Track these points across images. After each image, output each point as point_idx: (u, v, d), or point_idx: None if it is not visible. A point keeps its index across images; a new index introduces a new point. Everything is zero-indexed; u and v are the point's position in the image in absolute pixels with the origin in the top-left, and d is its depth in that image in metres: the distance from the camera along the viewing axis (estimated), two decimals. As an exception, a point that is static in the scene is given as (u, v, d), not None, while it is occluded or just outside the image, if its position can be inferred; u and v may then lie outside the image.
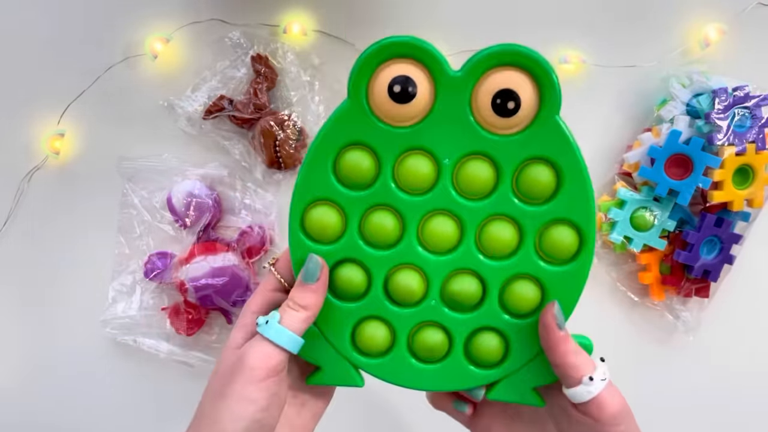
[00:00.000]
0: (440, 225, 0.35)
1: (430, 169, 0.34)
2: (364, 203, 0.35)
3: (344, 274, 0.36)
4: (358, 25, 0.54)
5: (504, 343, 0.36)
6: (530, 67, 0.33)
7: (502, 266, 0.35)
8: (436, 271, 0.36)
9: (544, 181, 0.34)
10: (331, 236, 0.35)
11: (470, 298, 0.35)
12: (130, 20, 0.54)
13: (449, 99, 0.33)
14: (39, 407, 0.54)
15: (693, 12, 0.53)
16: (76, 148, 0.54)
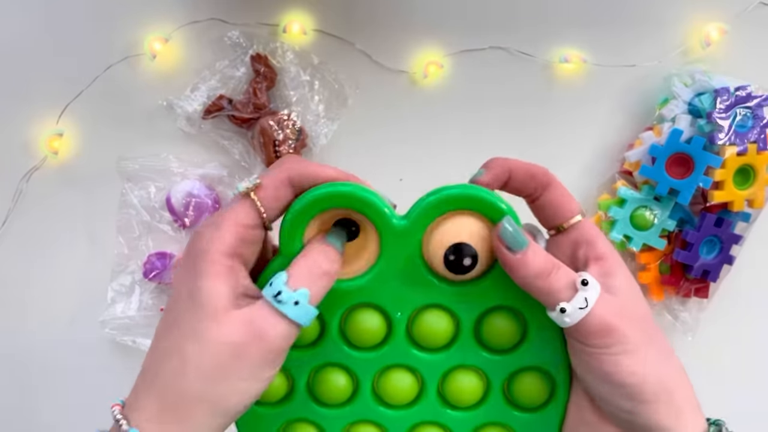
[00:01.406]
0: (397, 380, 0.32)
1: (381, 323, 0.31)
2: (310, 362, 0.31)
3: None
4: (358, 25, 0.53)
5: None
6: (483, 212, 0.28)
7: (468, 416, 0.32)
8: (397, 426, 0.32)
9: (508, 330, 0.30)
10: (278, 397, 0.32)
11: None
12: (129, 20, 0.53)
13: (395, 250, 0.29)
14: (38, 407, 0.54)
15: (694, 11, 0.53)
16: (74, 148, 0.54)
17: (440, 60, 0.53)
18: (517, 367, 0.31)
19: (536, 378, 0.31)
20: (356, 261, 0.30)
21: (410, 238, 0.29)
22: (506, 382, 0.32)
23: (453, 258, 0.29)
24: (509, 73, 0.54)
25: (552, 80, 0.54)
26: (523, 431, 0.32)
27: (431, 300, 0.30)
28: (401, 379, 0.32)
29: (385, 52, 0.54)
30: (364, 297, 0.30)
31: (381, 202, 0.28)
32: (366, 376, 0.32)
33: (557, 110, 0.54)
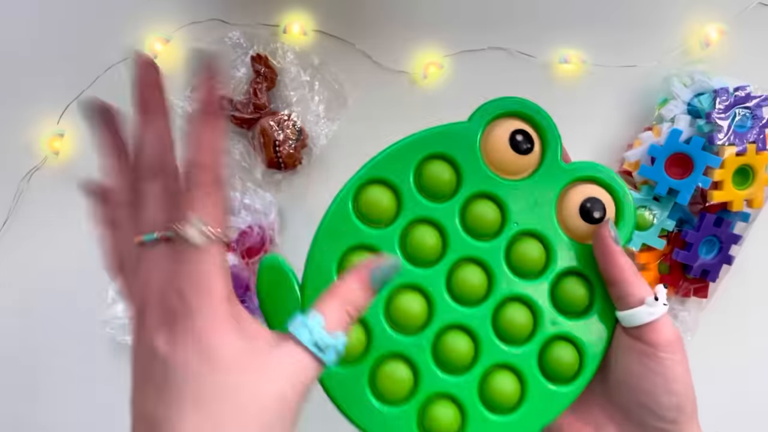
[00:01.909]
0: (468, 274, 0.33)
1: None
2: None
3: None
4: (358, 26, 0.54)
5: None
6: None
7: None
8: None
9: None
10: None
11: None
12: (130, 20, 0.53)
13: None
14: (38, 407, 0.54)
15: (693, 12, 0.53)
16: (75, 148, 0.54)
17: (440, 60, 0.53)
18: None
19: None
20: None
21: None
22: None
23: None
24: (509, 74, 0.54)
25: (551, 80, 0.54)
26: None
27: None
28: (472, 273, 0.33)
29: (385, 52, 0.54)
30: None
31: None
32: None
33: (557, 110, 0.54)
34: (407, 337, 0.33)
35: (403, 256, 0.33)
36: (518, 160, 0.33)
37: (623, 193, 0.33)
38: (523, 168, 0.34)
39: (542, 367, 0.33)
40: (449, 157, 0.34)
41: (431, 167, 0.34)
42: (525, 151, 0.33)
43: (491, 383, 0.33)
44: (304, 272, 0.33)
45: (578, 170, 0.34)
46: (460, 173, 0.33)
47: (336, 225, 0.34)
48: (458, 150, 0.34)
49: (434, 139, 0.34)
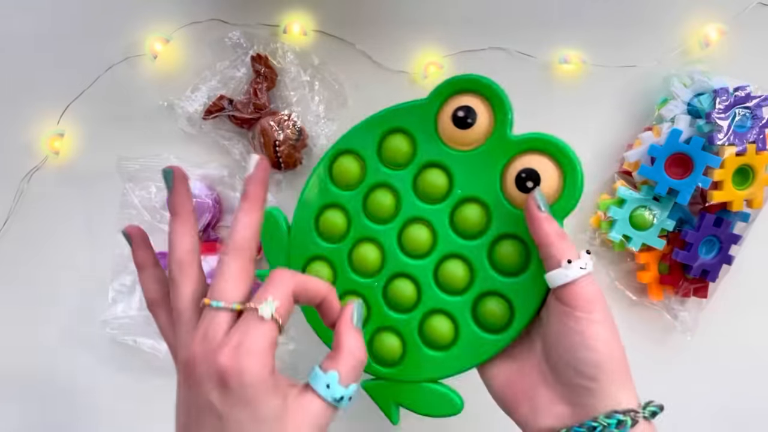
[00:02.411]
0: (415, 231, 0.39)
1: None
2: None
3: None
4: (358, 25, 0.54)
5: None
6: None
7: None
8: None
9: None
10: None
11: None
12: (130, 20, 0.54)
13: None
14: (38, 407, 0.55)
15: (693, 12, 0.53)
16: (75, 148, 0.54)
17: (440, 61, 0.53)
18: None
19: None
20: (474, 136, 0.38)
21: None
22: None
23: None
24: (509, 74, 0.54)
25: (551, 81, 0.54)
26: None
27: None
28: (419, 230, 0.39)
29: (385, 52, 0.54)
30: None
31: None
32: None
33: (557, 111, 0.54)
34: (364, 279, 0.40)
35: (365, 214, 0.40)
36: (463, 134, 0.37)
37: (569, 162, 0.36)
38: (473, 140, 0.38)
39: (475, 316, 0.38)
40: (407, 131, 0.39)
41: (391, 139, 0.39)
42: (466, 125, 0.37)
43: (429, 323, 0.39)
44: (293, 221, 0.41)
45: (525, 142, 0.37)
46: (416, 145, 0.39)
47: (315, 186, 0.41)
48: (415, 124, 0.39)
49: (396, 115, 0.39)
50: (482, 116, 0.37)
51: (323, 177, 0.41)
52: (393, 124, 0.39)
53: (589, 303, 0.33)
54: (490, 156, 0.37)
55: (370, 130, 0.40)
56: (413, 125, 0.39)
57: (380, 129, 0.39)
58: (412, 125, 0.39)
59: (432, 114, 0.38)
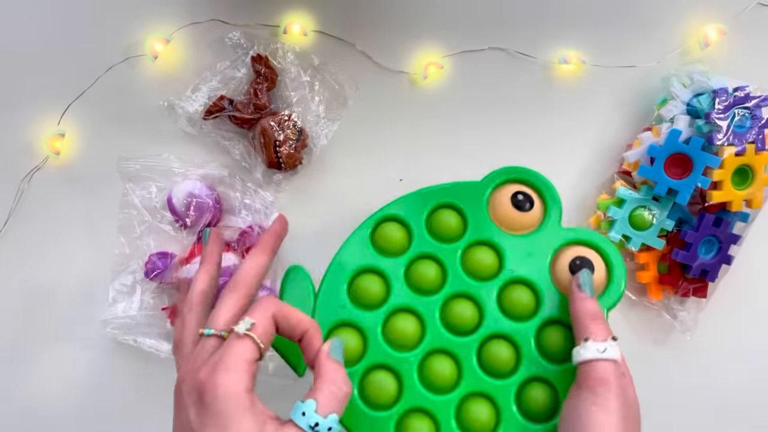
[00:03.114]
0: (461, 308, 0.39)
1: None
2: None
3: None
4: (358, 25, 0.54)
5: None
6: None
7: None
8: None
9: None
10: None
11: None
12: (130, 21, 0.54)
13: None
14: (38, 407, 0.55)
15: (692, 12, 0.53)
16: (76, 149, 0.54)
17: (440, 61, 0.54)
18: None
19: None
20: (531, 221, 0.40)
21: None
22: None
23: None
24: (509, 74, 0.54)
25: (551, 81, 0.54)
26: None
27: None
28: (465, 307, 0.39)
29: (385, 53, 0.54)
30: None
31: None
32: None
33: (556, 111, 0.54)
34: (399, 353, 0.38)
35: (407, 284, 0.39)
36: (520, 217, 0.39)
37: (614, 255, 0.38)
38: (525, 225, 0.39)
39: (519, 403, 0.36)
40: (458, 208, 0.40)
41: (442, 213, 0.40)
42: (525, 208, 0.39)
43: (468, 407, 0.37)
44: (324, 280, 0.40)
45: (576, 233, 0.39)
46: (466, 221, 0.39)
47: (354, 248, 0.40)
48: (467, 202, 0.39)
49: (448, 191, 0.40)
50: (536, 204, 0.39)
51: (365, 240, 0.40)
52: (445, 200, 0.40)
53: (596, 385, 0.33)
54: (542, 242, 0.39)
55: (421, 201, 0.40)
56: (465, 203, 0.39)
57: (431, 202, 0.40)
58: (464, 203, 0.39)
59: (484, 194, 0.40)
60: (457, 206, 0.40)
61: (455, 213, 0.40)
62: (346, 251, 0.40)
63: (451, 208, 0.40)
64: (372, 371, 0.37)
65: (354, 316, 0.38)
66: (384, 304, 0.38)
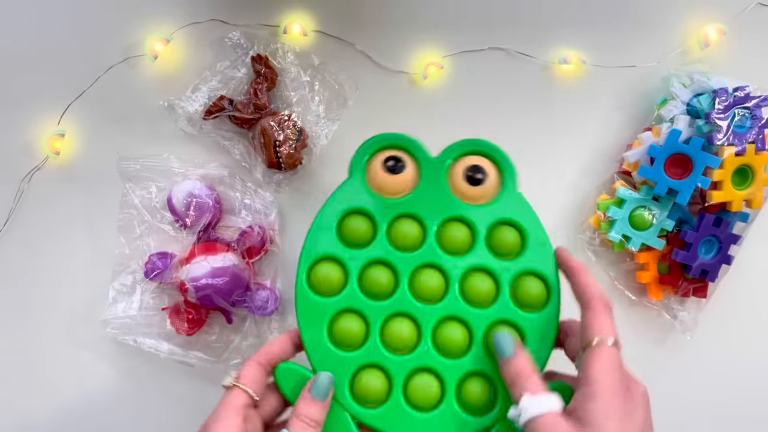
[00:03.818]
0: (429, 277, 0.41)
1: (418, 230, 0.41)
2: (363, 259, 0.41)
3: (344, 324, 0.40)
4: (358, 25, 0.54)
5: (491, 388, 0.39)
6: (490, 154, 0.42)
7: (484, 313, 0.40)
8: (426, 318, 0.40)
9: (511, 240, 0.41)
10: (335, 288, 0.41)
11: (458, 343, 0.40)
12: (130, 21, 0.54)
13: (431, 176, 0.41)
14: (38, 406, 0.55)
15: (692, 12, 0.53)
16: (76, 149, 0.55)
17: (440, 61, 0.54)
18: (520, 269, 0.40)
19: (535, 281, 0.40)
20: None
21: (440, 166, 0.42)
22: (512, 286, 0.40)
23: (470, 173, 0.41)
24: (509, 74, 0.54)
25: (551, 81, 0.54)
26: (528, 329, 0.40)
27: (455, 214, 0.41)
28: (432, 276, 0.41)
29: (385, 53, 0.54)
30: (407, 209, 0.41)
31: (421, 144, 0.42)
32: (405, 272, 0.41)
33: (556, 111, 0.54)
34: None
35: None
36: (399, 184, 0.42)
37: (501, 156, 0.41)
38: (401, 188, 0.42)
39: (516, 300, 0.40)
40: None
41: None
42: (395, 172, 0.42)
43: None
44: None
45: (452, 150, 0.42)
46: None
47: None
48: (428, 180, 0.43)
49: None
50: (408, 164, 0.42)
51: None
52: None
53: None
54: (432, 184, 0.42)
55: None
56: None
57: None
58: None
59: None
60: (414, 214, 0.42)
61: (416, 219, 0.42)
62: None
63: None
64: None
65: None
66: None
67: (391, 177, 0.41)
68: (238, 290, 0.51)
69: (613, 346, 0.35)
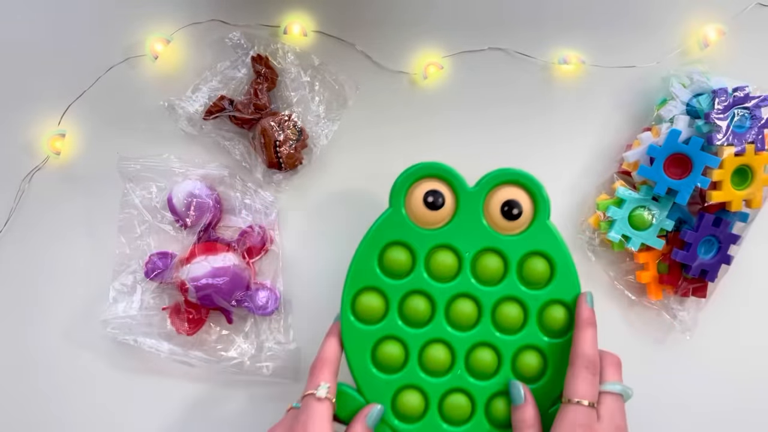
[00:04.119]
0: (463, 306, 0.44)
1: (454, 261, 0.44)
2: (402, 290, 0.44)
3: (386, 350, 0.44)
4: (358, 26, 0.54)
5: None
6: (526, 185, 0.44)
7: (512, 339, 0.44)
8: (460, 344, 0.44)
9: (541, 270, 0.44)
10: (376, 317, 0.44)
11: (488, 366, 0.44)
12: (130, 21, 0.54)
13: (467, 207, 0.44)
14: (38, 406, 0.55)
15: (692, 12, 0.53)
16: (77, 149, 0.55)
17: (440, 61, 0.54)
18: (547, 299, 0.44)
19: (560, 309, 0.44)
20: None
21: (477, 198, 0.44)
22: (539, 313, 0.44)
23: (507, 208, 0.43)
24: (508, 74, 0.54)
25: (551, 81, 0.54)
26: (550, 354, 0.44)
27: (489, 244, 0.44)
28: (466, 305, 0.44)
29: (385, 53, 0.54)
30: (443, 240, 0.44)
31: (459, 175, 0.44)
32: (441, 302, 0.44)
33: (556, 111, 0.54)
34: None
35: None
36: (430, 214, 0.44)
37: (535, 186, 0.44)
38: (440, 220, 0.44)
39: (542, 326, 0.44)
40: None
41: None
42: (436, 207, 0.44)
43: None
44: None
45: (489, 181, 0.44)
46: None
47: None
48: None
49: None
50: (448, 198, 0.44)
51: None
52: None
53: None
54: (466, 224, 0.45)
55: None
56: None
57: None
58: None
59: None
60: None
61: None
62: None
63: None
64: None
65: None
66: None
67: (432, 212, 0.43)
68: (239, 290, 0.51)
69: (588, 406, 0.39)
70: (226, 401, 0.54)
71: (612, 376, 0.42)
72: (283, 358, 0.52)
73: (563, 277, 0.44)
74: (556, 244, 0.44)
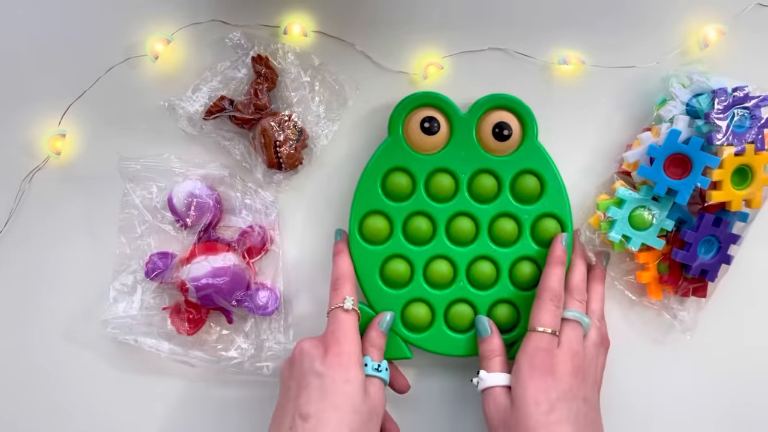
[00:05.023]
0: (462, 223, 0.49)
1: (451, 182, 0.49)
2: (405, 212, 0.49)
3: (393, 267, 0.49)
4: (358, 26, 0.54)
5: (515, 312, 0.49)
6: (515, 108, 0.49)
7: (509, 251, 0.49)
8: (461, 258, 0.49)
9: (532, 186, 0.49)
10: (382, 238, 0.49)
11: (488, 277, 0.49)
12: (130, 21, 0.54)
13: (461, 132, 0.49)
14: (39, 406, 0.55)
15: (692, 12, 0.53)
16: (77, 149, 0.55)
17: (440, 61, 0.54)
18: (539, 212, 0.49)
19: (551, 221, 0.49)
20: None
21: (470, 123, 0.49)
22: (532, 226, 0.49)
23: (498, 130, 0.49)
24: (508, 74, 0.54)
25: (551, 81, 0.54)
26: (543, 262, 0.49)
27: (483, 166, 0.49)
28: (464, 223, 0.49)
29: (385, 53, 0.54)
30: (441, 164, 0.49)
31: (452, 102, 0.49)
32: (441, 221, 0.49)
33: (556, 111, 0.54)
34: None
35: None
36: (427, 139, 0.49)
37: (523, 108, 0.49)
38: (436, 145, 0.50)
39: (534, 238, 0.50)
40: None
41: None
42: (432, 132, 0.49)
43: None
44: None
45: (479, 106, 0.49)
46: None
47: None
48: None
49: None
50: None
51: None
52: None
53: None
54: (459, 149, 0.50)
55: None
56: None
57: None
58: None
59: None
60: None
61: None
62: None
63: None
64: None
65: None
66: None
67: (428, 137, 0.48)
68: (239, 290, 0.51)
69: (551, 334, 0.45)
70: (227, 401, 0.54)
71: (571, 305, 0.47)
72: (283, 357, 0.52)
73: (553, 192, 0.49)
74: (545, 162, 0.49)
